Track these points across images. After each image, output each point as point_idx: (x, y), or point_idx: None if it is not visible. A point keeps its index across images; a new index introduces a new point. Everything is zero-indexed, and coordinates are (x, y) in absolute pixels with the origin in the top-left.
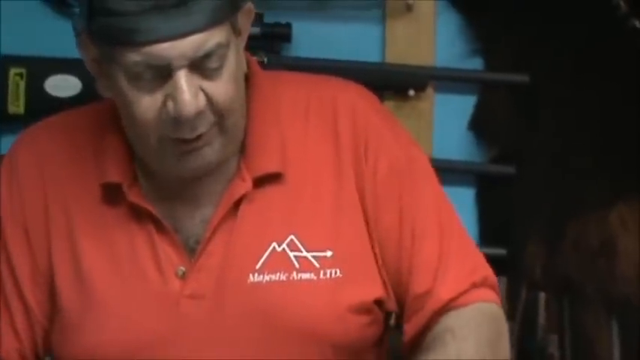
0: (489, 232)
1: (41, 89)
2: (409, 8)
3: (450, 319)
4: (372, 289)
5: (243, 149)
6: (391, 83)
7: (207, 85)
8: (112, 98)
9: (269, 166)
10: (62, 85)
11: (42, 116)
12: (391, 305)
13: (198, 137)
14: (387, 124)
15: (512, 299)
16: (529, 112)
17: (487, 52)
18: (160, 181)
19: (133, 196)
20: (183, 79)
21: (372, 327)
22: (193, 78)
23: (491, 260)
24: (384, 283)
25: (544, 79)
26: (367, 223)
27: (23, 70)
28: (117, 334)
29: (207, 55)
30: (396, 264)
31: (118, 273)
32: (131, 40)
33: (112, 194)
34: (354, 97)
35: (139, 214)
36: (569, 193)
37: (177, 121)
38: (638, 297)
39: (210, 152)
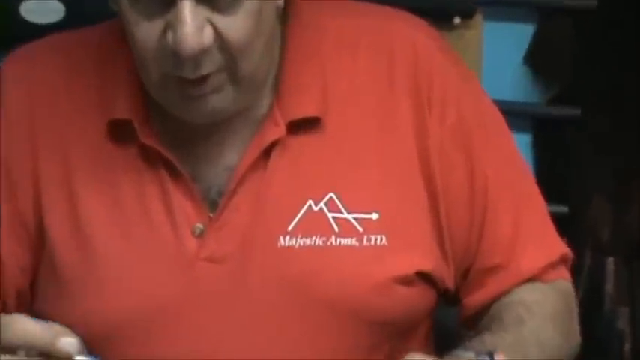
0: (547, 186)
1: (16, 13)
2: None
3: (524, 292)
4: (419, 260)
5: (276, 89)
6: (433, 9)
7: (218, 19)
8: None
9: (307, 110)
10: (41, 10)
11: (15, 46)
12: (446, 279)
13: (203, 79)
14: (456, 67)
15: (573, 265)
16: (596, 44)
17: None
18: (177, 120)
19: (145, 137)
20: (187, 8)
21: (416, 302)
22: (201, 9)
23: (551, 220)
24: (439, 254)
25: (616, 4)
26: (429, 184)
27: None
28: (119, 300)
29: None
30: (464, 231)
31: (123, 228)
32: None
33: (119, 134)
34: (415, 32)
35: (150, 159)
36: None
37: (178, 56)
38: None
39: (219, 101)
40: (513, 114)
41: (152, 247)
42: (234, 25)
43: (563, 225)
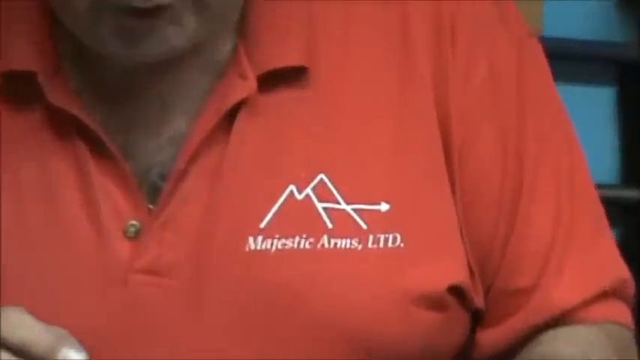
0: (634, 163)
1: None
2: None
3: (560, 340)
4: (450, 270)
5: (243, 28)
6: None
7: None
8: None
9: (287, 57)
10: None
11: None
12: (477, 297)
13: (157, 9)
14: (505, 20)
15: None
16: None
17: None
18: (101, 72)
19: (55, 95)
20: None
21: (445, 332)
22: None
23: (633, 204)
24: (468, 261)
25: None
26: (449, 159)
27: None
28: None
29: None
30: (486, 233)
31: (24, 229)
32: None
33: (18, 93)
34: None
35: (62, 128)
36: None
37: None
38: None
39: (177, 34)
40: (589, 59)
41: (64, 258)
42: None
43: None
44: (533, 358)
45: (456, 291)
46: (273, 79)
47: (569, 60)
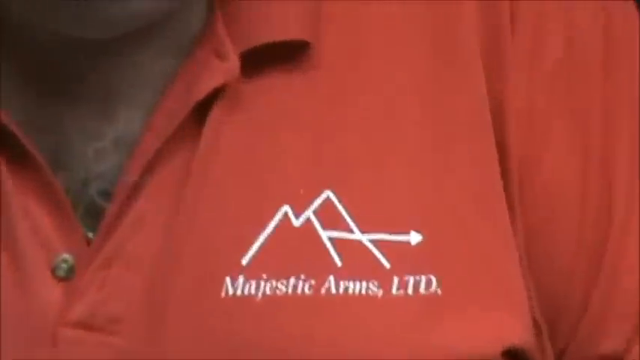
0: None
1: None
2: None
3: None
4: (507, 326)
5: None
6: None
7: None
8: None
9: (283, 28)
10: None
11: None
12: None
13: None
14: None
15: None
16: None
17: None
18: (24, 51)
19: None
20: None
21: None
22: None
23: None
24: (533, 315)
25: None
26: (506, 175)
27: None
28: None
29: None
30: (563, 275)
31: None
32: None
33: None
34: None
35: None
36: None
37: None
38: None
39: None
40: None
41: None
42: None
43: None
44: None
45: (515, 356)
46: (262, 59)
47: None
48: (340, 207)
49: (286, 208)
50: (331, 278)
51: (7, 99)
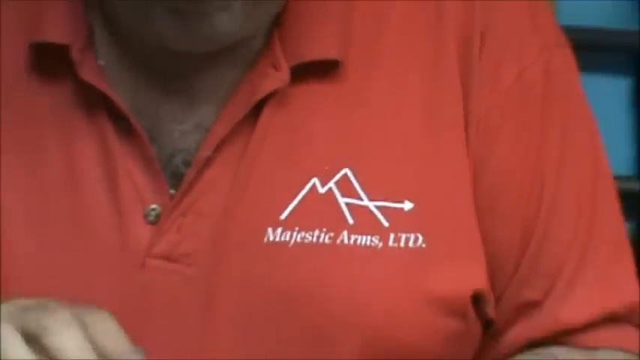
0: None
1: None
2: None
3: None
4: (474, 275)
5: (279, 20)
6: None
7: None
8: None
9: (322, 50)
10: None
11: None
12: (491, 306)
13: None
14: (524, 4)
15: None
16: None
17: None
18: (133, 52)
19: (87, 71)
20: None
21: (466, 342)
22: None
23: None
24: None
25: None
26: (470, 163)
27: None
28: None
29: None
30: (509, 238)
31: (42, 207)
32: None
33: (48, 66)
34: None
35: (89, 104)
36: None
37: None
38: None
39: (227, 22)
40: (606, 49)
41: (83, 238)
42: None
43: None
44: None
45: (477, 298)
46: (305, 71)
47: (583, 49)
48: (354, 181)
49: (315, 179)
50: (345, 232)
51: (121, 86)
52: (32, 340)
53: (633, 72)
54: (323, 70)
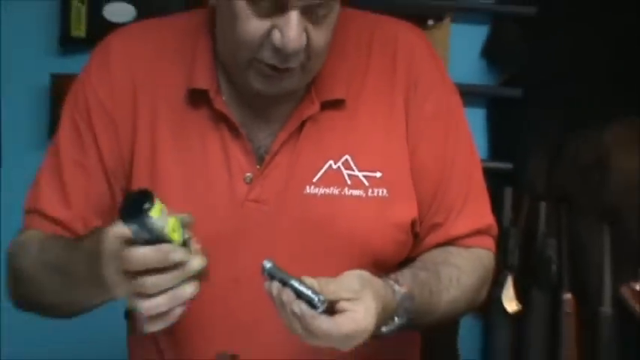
0: (498, 148)
1: (100, 15)
2: None
3: (452, 253)
4: (411, 210)
5: (314, 77)
6: (413, 13)
7: (310, 28)
8: (210, 9)
9: (335, 93)
10: (118, 12)
11: (101, 39)
12: (417, 226)
13: (287, 69)
14: (438, 70)
15: (516, 208)
16: (536, 41)
17: None
18: (240, 91)
19: (217, 104)
20: (295, 17)
21: (406, 246)
22: (302, 19)
23: (499, 173)
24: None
25: (549, 13)
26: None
27: None
28: None
29: (322, 3)
30: (427, 192)
31: (189, 175)
32: None
33: (195, 99)
34: (414, 39)
35: (216, 120)
36: (568, 114)
37: (278, 51)
38: (628, 207)
39: (289, 83)
40: (473, 94)
41: (212, 190)
42: (321, 35)
43: (508, 178)
44: (436, 256)
45: (413, 222)
46: (327, 104)
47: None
48: (352, 163)
49: (330, 161)
50: (346, 188)
51: (234, 111)
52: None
53: (486, 106)
54: (336, 103)
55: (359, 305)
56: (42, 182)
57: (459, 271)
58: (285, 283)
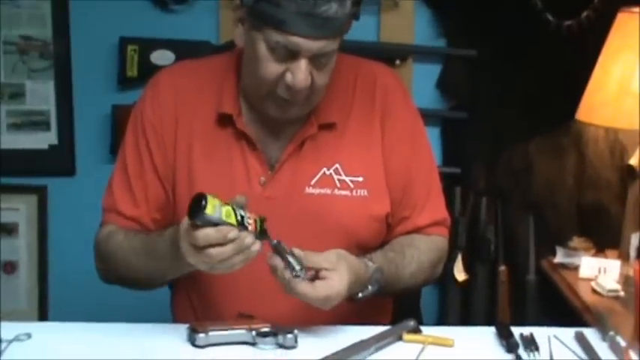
0: (450, 157)
1: (148, 60)
2: (396, 4)
3: (415, 239)
4: (386, 206)
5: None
6: (383, 55)
7: (314, 72)
8: (238, 50)
9: (329, 118)
10: (162, 57)
11: (149, 78)
12: (389, 218)
13: (295, 101)
14: (407, 103)
15: (463, 202)
16: (477, 76)
17: (448, 35)
18: (257, 115)
19: (239, 125)
20: (304, 64)
21: (382, 233)
22: (309, 65)
23: (450, 176)
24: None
25: (486, 55)
26: (385, 161)
27: (136, 47)
28: None
29: (324, 55)
30: (398, 192)
31: (217, 178)
32: (283, 28)
33: (222, 121)
34: (389, 78)
35: (239, 138)
36: (502, 131)
37: (289, 87)
38: (547, 201)
39: (296, 111)
40: (430, 116)
41: (232, 189)
42: (322, 78)
43: (457, 180)
44: (402, 240)
45: (387, 215)
46: (322, 126)
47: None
48: (340, 169)
49: (324, 169)
50: (335, 189)
51: (252, 130)
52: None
53: (440, 125)
54: (329, 125)
55: (334, 274)
56: (115, 188)
57: (419, 251)
58: (281, 256)
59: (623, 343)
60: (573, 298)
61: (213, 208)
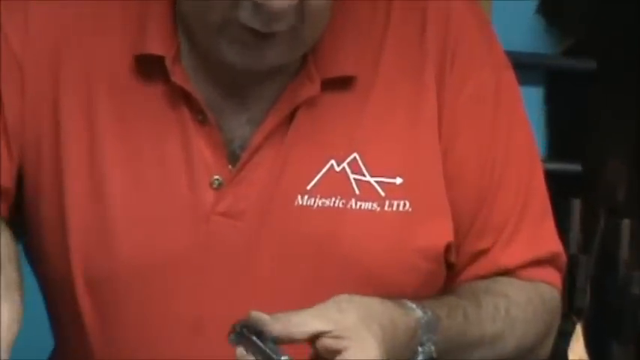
0: (561, 143)
1: None
2: None
3: (500, 282)
4: (444, 230)
5: (313, 46)
6: None
7: None
8: None
9: (344, 68)
10: None
11: None
12: (454, 253)
13: (272, 35)
14: (484, 35)
15: (586, 227)
16: None
17: None
18: (208, 64)
19: (176, 75)
20: None
21: (436, 281)
22: None
23: (563, 178)
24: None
25: None
26: (441, 147)
27: None
28: (125, 252)
29: None
30: (467, 206)
31: (138, 173)
32: None
33: (146, 71)
34: (454, 3)
35: (176, 99)
36: None
37: (259, 8)
38: None
39: (275, 55)
40: (525, 66)
41: (166, 197)
42: None
43: (575, 185)
44: (485, 285)
45: (447, 248)
46: (330, 84)
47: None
48: (360, 163)
49: (332, 161)
50: (353, 200)
51: (198, 88)
52: None
53: (543, 82)
54: (343, 82)
55: (350, 343)
56: None
57: (507, 300)
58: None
59: None
60: None
61: None
